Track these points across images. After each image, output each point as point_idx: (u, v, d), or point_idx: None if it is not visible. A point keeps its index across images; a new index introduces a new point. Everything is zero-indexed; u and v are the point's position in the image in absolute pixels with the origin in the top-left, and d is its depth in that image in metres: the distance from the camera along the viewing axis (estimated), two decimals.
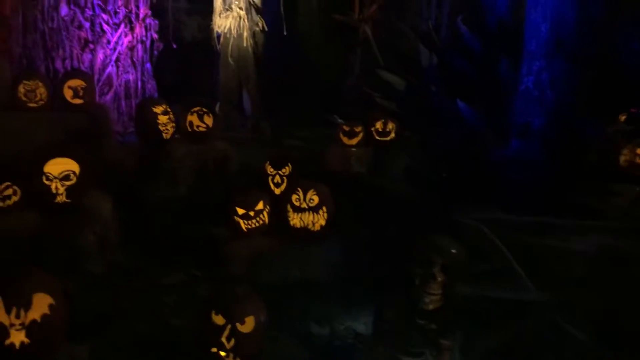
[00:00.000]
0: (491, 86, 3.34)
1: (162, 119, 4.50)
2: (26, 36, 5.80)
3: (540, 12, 3.25)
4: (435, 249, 2.00)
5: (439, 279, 1.98)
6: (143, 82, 6.36)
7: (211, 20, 7.90)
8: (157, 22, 6.30)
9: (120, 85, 6.24)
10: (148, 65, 6.35)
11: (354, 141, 5.11)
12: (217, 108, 6.26)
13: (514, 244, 2.72)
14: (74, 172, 3.29)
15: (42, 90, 4.92)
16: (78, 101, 5.02)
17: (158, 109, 4.49)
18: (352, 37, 6.75)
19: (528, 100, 3.13)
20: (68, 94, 5.00)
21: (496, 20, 4.02)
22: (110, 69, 6.16)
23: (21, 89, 4.85)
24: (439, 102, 3.42)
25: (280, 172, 4.14)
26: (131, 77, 6.29)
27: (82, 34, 6.07)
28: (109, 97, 6.14)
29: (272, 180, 4.13)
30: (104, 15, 6.10)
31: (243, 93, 6.26)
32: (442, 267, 1.98)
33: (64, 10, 5.92)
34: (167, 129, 4.53)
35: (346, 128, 5.11)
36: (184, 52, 6.38)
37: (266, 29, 6.03)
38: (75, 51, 6.03)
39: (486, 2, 5.16)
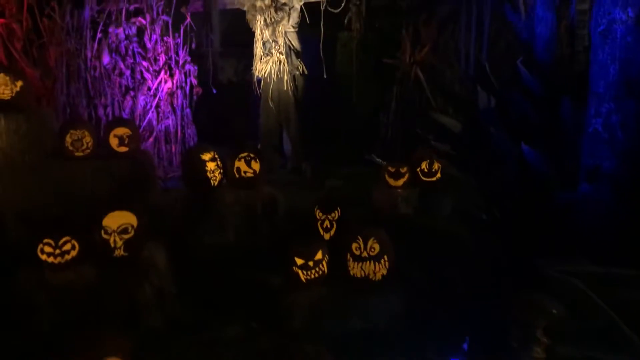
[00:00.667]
0: (553, 128, 3.25)
1: (210, 166, 4.47)
2: (70, 85, 5.91)
3: (608, 52, 3.18)
4: (536, 310, 1.89)
5: (543, 342, 1.86)
6: (183, 127, 6.41)
7: (246, 62, 8.07)
8: (196, 68, 6.37)
9: (160, 130, 6.29)
10: (188, 110, 6.40)
11: (400, 182, 5.02)
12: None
13: (610, 300, 2.56)
14: (132, 225, 3.26)
15: (88, 139, 4.96)
16: (123, 149, 5.04)
17: (206, 156, 4.47)
18: (390, 76, 6.75)
19: (597, 143, 3.02)
20: (114, 142, 5.02)
21: (553, 61, 3.98)
22: (150, 114, 6.22)
23: (68, 139, 4.90)
24: (498, 144, 3.34)
25: (329, 216, 4.07)
26: (171, 123, 6.34)
27: (123, 81, 6.17)
28: (149, 142, 6.18)
29: (322, 225, 4.05)
30: (144, 63, 6.20)
31: (283, 135, 6.25)
32: (544, 330, 1.86)
33: (106, 59, 6.02)
34: (215, 176, 4.50)
35: (391, 169, 5.03)
36: (221, 95, 6.42)
37: (306, 72, 6.05)
38: (116, 98, 6.12)
39: (539, 42, 5.11)
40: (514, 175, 3.43)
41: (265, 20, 5.86)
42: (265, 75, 6.05)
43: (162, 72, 6.23)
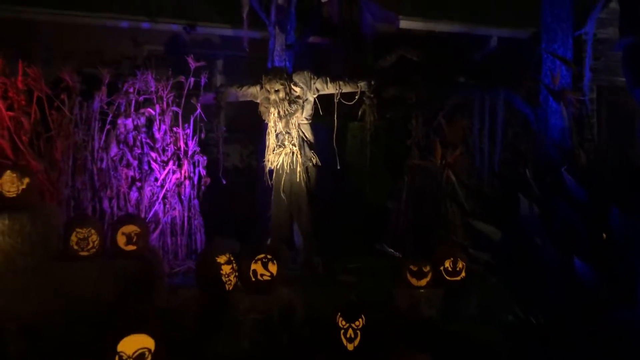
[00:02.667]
0: (601, 239, 3.10)
1: (226, 269, 4.24)
2: (75, 177, 5.73)
3: None
4: None
5: None
6: (190, 218, 6.19)
7: (251, 148, 8.00)
8: (205, 158, 6.24)
9: (166, 222, 6.07)
10: (195, 201, 6.20)
11: (423, 282, 4.80)
12: (268, 242, 6.04)
13: None
14: (149, 350, 2.97)
15: (94, 238, 4.72)
16: (131, 247, 4.80)
17: (221, 259, 4.24)
18: (400, 165, 6.68)
19: None
20: (121, 240, 4.79)
21: (597, 169, 3.92)
22: (157, 206, 6.02)
23: (73, 238, 4.66)
24: (543, 254, 3.17)
25: (353, 325, 3.80)
26: (177, 214, 6.13)
27: (130, 172, 6.00)
28: (155, 235, 5.94)
29: (345, 334, 3.77)
30: (152, 154, 6.06)
31: (294, 227, 6.05)
32: None
33: (113, 150, 5.89)
34: (230, 280, 4.26)
35: (414, 268, 4.81)
36: (228, 184, 6.26)
37: (319, 164, 5.94)
38: (122, 190, 5.93)
39: (554, 132, 5.10)
40: (558, 285, 3.22)
41: (279, 112, 5.80)
42: (278, 166, 5.92)
43: (171, 163, 6.09)
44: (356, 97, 5.92)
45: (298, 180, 5.88)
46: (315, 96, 5.97)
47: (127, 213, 5.72)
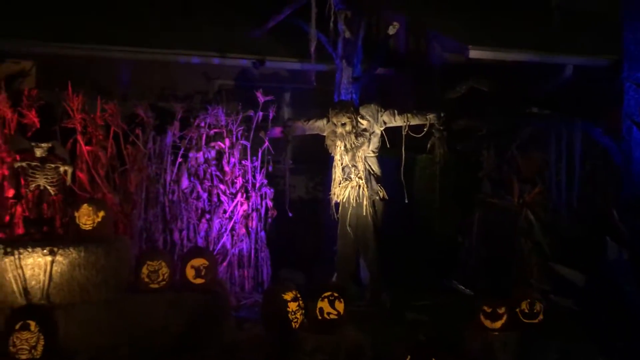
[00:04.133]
0: None
1: (292, 306, 4.19)
2: (148, 210, 5.88)
3: None
4: None
5: None
6: (257, 250, 6.20)
7: (317, 180, 7.98)
8: (272, 190, 6.27)
9: (234, 254, 6.11)
10: (262, 233, 6.22)
11: (498, 324, 4.53)
12: (334, 278, 5.94)
13: None
14: None
15: (164, 271, 4.81)
16: (200, 281, 4.86)
17: (288, 296, 4.19)
18: (470, 199, 6.46)
19: None
20: (190, 273, 4.86)
21: None
22: (225, 238, 6.08)
23: (144, 270, 4.77)
24: (632, 302, 2.92)
25: None
26: (245, 246, 6.16)
27: (200, 204, 6.11)
28: (222, 266, 5.98)
29: None
30: (221, 186, 6.15)
31: (360, 262, 5.94)
32: None
33: (184, 182, 6.02)
34: (296, 317, 4.20)
35: (488, 309, 4.56)
36: (293, 216, 6.24)
37: (386, 198, 5.83)
38: (192, 222, 6.03)
39: (637, 166, 4.78)
40: None
41: (345, 145, 5.75)
42: (344, 200, 5.85)
43: (239, 195, 6.15)
44: (425, 129, 5.79)
45: (364, 214, 5.78)
46: (382, 129, 5.89)
47: (196, 246, 5.80)
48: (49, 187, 4.77)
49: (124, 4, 8.50)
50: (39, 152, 4.74)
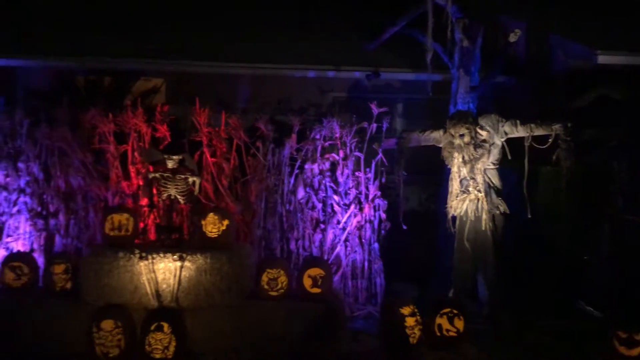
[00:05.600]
0: None
1: (410, 321, 4.12)
2: (266, 219, 6.09)
3: None
4: None
5: None
6: (370, 262, 6.20)
7: (430, 192, 7.84)
8: (385, 202, 6.24)
9: (347, 265, 6.15)
10: (375, 245, 6.21)
11: (635, 352, 4.17)
12: (450, 294, 5.78)
13: None
14: None
15: (283, 279, 4.95)
16: (316, 290, 4.94)
17: (405, 310, 4.14)
18: (598, 214, 6.02)
19: None
20: (307, 282, 4.96)
21: None
22: (339, 248, 6.14)
23: (264, 278, 4.93)
24: None
25: None
26: (358, 257, 6.18)
27: (315, 215, 6.22)
28: (337, 277, 6.03)
29: None
30: (335, 197, 6.23)
31: (478, 278, 5.73)
32: None
33: (300, 193, 6.16)
34: (414, 332, 4.13)
35: (623, 335, 4.21)
36: (406, 227, 6.16)
37: (507, 212, 5.59)
38: (307, 231, 6.16)
39: None
40: None
41: (463, 157, 5.59)
42: (461, 213, 5.68)
43: (352, 206, 6.19)
44: (550, 140, 5.48)
45: (483, 228, 5.57)
46: (503, 140, 5.67)
47: (313, 256, 5.91)
48: (179, 197, 5.09)
49: (242, 23, 8.91)
50: (170, 164, 5.08)
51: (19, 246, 5.80)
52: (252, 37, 8.54)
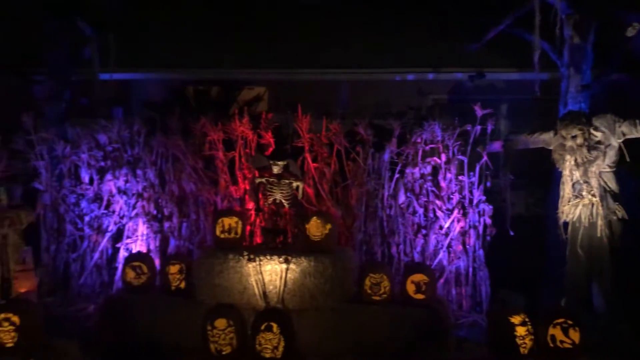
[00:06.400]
0: None
1: (520, 330, 3.96)
2: (367, 223, 6.11)
3: None
4: None
5: None
6: (474, 269, 6.02)
7: (538, 196, 7.49)
8: (491, 207, 6.04)
9: (450, 271, 6.02)
10: (480, 251, 6.02)
11: None
12: (562, 303, 5.48)
13: None
14: None
15: (386, 284, 4.94)
16: (420, 296, 4.89)
17: (515, 319, 3.98)
18: None
19: None
20: (411, 288, 4.91)
21: None
22: (441, 254, 6.02)
23: (367, 282, 4.94)
24: None
25: None
26: (462, 264, 6.02)
27: (416, 220, 6.15)
28: (439, 284, 5.92)
29: None
30: (437, 202, 6.12)
31: (594, 288, 5.39)
32: None
33: (401, 197, 6.12)
34: (524, 343, 3.96)
35: None
36: (513, 235, 5.92)
37: (626, 217, 5.22)
38: (408, 237, 6.11)
39: None
40: None
41: (576, 160, 5.29)
42: (574, 219, 5.38)
43: (455, 211, 6.06)
44: None
45: (599, 235, 5.23)
46: (620, 141, 5.30)
47: (416, 262, 5.86)
48: (283, 201, 5.25)
49: (337, 28, 8.99)
50: (276, 169, 5.25)
51: (137, 247, 6.24)
52: (348, 41, 8.60)
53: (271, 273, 4.89)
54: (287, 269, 4.86)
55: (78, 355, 3.84)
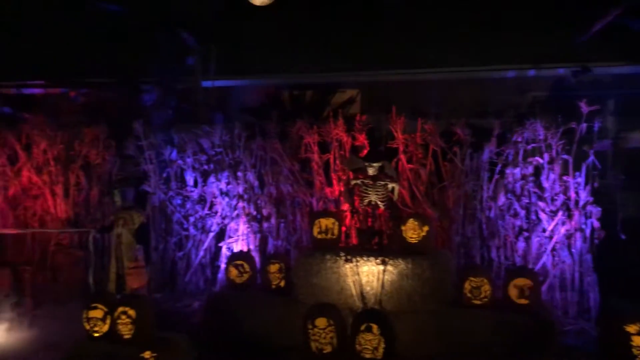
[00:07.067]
0: None
1: (637, 340, 3.72)
2: (465, 226, 5.97)
3: None
4: None
5: None
6: (581, 274, 5.71)
7: None
8: (599, 209, 5.70)
9: (555, 276, 5.74)
10: (588, 256, 5.70)
11: None
12: None
13: None
14: None
15: (486, 288, 4.81)
16: (523, 301, 4.72)
17: (632, 328, 3.74)
18: None
19: None
20: (513, 293, 4.76)
21: None
22: (545, 258, 5.76)
23: (467, 286, 4.84)
24: None
25: None
26: (567, 268, 5.73)
27: (517, 222, 5.93)
28: (543, 288, 5.67)
29: None
30: (540, 203, 5.87)
31: None
32: None
33: (501, 199, 5.93)
34: None
35: None
36: (625, 239, 5.54)
37: None
38: (509, 240, 5.90)
39: None
40: None
41: None
42: None
43: (560, 213, 5.77)
44: None
45: None
46: None
47: (518, 265, 5.66)
48: (379, 202, 5.24)
49: (428, 27, 8.80)
50: (371, 171, 5.26)
51: (238, 246, 6.49)
52: (441, 39, 8.40)
53: (368, 274, 4.92)
54: (384, 271, 4.87)
55: (188, 349, 4.06)
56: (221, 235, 6.64)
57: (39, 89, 8.72)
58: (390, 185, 5.27)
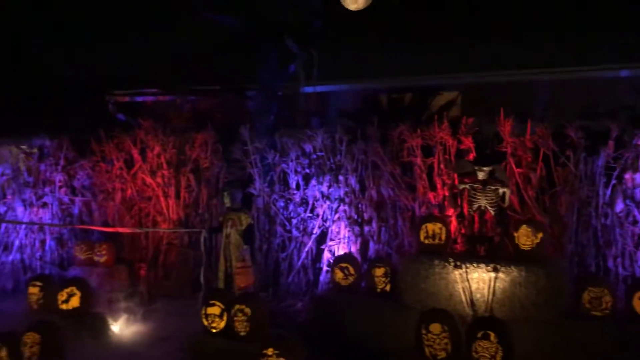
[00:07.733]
0: None
1: None
2: (579, 233, 5.69)
3: None
4: None
5: None
6: None
7: None
8: None
9: None
10: None
11: None
12: None
13: None
14: None
15: (607, 299, 4.57)
16: None
17: None
18: None
19: None
20: (638, 305, 4.47)
21: None
22: None
23: (585, 296, 4.62)
24: None
25: None
26: None
27: (637, 230, 5.57)
28: None
29: None
30: None
31: None
32: None
33: (619, 206, 5.60)
34: None
35: None
36: None
37: None
38: (628, 249, 5.56)
39: None
40: None
41: None
42: None
43: None
44: None
45: None
46: None
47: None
48: (488, 207, 5.10)
49: (528, 26, 8.45)
50: (481, 175, 5.12)
51: (339, 249, 6.55)
52: (544, 38, 8.06)
53: (478, 281, 4.80)
54: (495, 278, 4.73)
55: (302, 348, 4.13)
56: (322, 237, 6.73)
57: (150, 97, 9.26)
58: (501, 190, 5.10)
